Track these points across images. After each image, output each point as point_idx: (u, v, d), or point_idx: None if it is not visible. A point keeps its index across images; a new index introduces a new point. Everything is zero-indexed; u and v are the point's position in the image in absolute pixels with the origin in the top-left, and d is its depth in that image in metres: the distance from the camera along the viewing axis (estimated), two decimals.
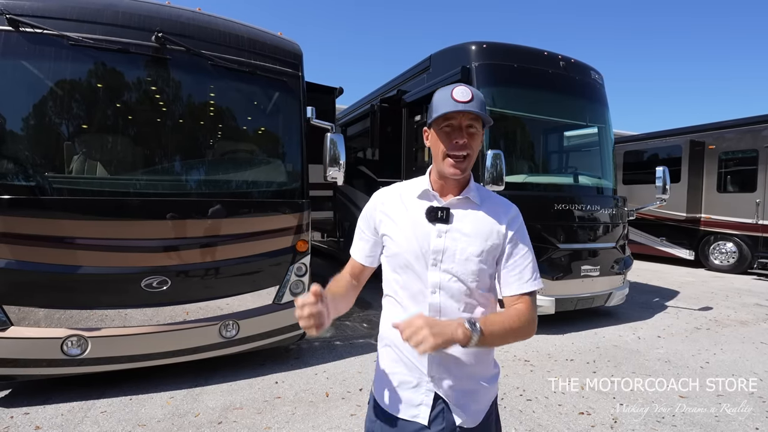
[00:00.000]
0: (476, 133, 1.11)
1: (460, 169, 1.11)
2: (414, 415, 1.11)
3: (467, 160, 1.11)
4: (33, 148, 2.99)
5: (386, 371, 1.18)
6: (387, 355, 1.20)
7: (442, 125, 1.11)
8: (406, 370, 1.14)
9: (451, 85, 1.11)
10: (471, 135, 1.10)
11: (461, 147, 1.09)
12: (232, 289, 3.36)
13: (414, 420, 1.10)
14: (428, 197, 1.17)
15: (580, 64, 5.41)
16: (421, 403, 1.11)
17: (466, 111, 1.07)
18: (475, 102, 1.08)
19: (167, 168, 3.34)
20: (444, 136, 1.11)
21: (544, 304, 4.64)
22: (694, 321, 5.31)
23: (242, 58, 3.52)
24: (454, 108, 1.06)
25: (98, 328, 2.95)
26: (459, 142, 1.09)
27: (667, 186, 5.35)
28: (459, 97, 1.07)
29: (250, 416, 2.84)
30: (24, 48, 2.90)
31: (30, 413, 2.81)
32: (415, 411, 1.11)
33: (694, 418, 2.91)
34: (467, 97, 1.07)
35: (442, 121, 1.11)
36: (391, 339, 1.17)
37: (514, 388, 3.35)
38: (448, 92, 1.09)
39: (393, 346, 1.17)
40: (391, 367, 1.17)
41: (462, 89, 1.09)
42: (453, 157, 1.10)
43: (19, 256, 2.78)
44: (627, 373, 3.64)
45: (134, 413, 2.85)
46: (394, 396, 1.14)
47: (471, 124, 1.10)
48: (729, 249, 8.98)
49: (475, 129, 1.10)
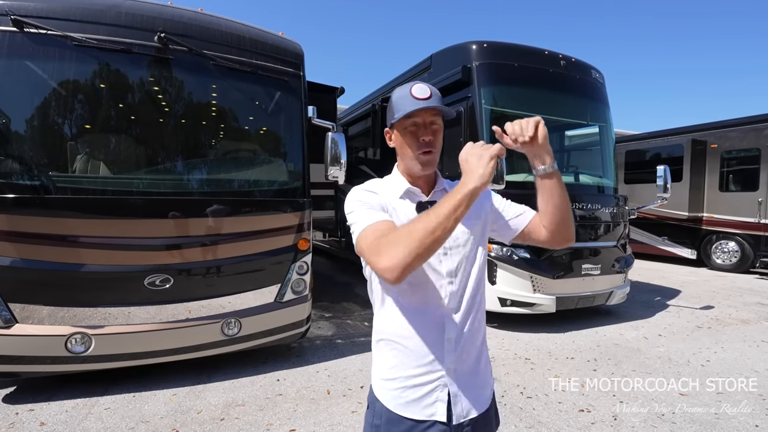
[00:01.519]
0: (439, 129, 1.13)
1: (430, 164, 1.13)
2: (431, 414, 1.06)
3: (433, 155, 1.13)
4: (37, 147, 3.02)
5: (391, 372, 1.11)
6: (390, 354, 1.12)
7: (406, 124, 1.12)
8: (415, 367, 1.08)
9: (407, 84, 1.12)
10: (435, 131, 1.12)
11: (428, 144, 1.11)
12: (234, 288, 3.39)
13: (431, 419, 1.06)
14: (411, 195, 1.17)
15: (580, 63, 5.42)
16: (437, 400, 1.07)
17: (428, 108, 1.08)
18: (434, 98, 1.10)
19: (170, 167, 3.37)
20: (410, 135, 1.12)
21: (545, 303, 4.65)
22: (696, 320, 5.31)
23: (244, 58, 3.54)
24: (417, 106, 1.07)
25: (102, 326, 2.98)
26: (425, 139, 1.11)
27: (668, 185, 5.35)
28: (419, 95, 1.08)
29: (252, 413, 2.87)
30: (28, 48, 2.93)
31: (35, 410, 2.84)
32: (431, 410, 1.06)
33: (694, 417, 2.92)
34: (427, 94, 1.09)
35: (405, 120, 1.11)
36: (398, 334, 1.10)
37: (514, 385, 3.37)
38: (407, 91, 1.10)
39: (398, 343, 1.10)
40: (397, 366, 1.10)
41: (420, 86, 1.10)
42: (423, 153, 1.12)
43: (24, 254, 2.81)
44: (627, 372, 3.65)
45: (137, 410, 2.87)
46: (403, 396, 1.08)
47: (433, 120, 1.12)
48: (731, 248, 8.95)
49: (437, 125, 1.13)
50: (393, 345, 1.12)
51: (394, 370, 1.11)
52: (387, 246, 0.92)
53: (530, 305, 4.67)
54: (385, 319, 1.14)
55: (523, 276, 4.63)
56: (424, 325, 1.09)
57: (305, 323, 3.74)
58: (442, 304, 1.09)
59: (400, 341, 1.10)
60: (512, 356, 4.02)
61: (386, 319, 1.14)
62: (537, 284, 4.66)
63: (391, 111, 1.16)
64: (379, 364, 1.16)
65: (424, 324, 1.09)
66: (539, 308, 4.68)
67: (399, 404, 1.08)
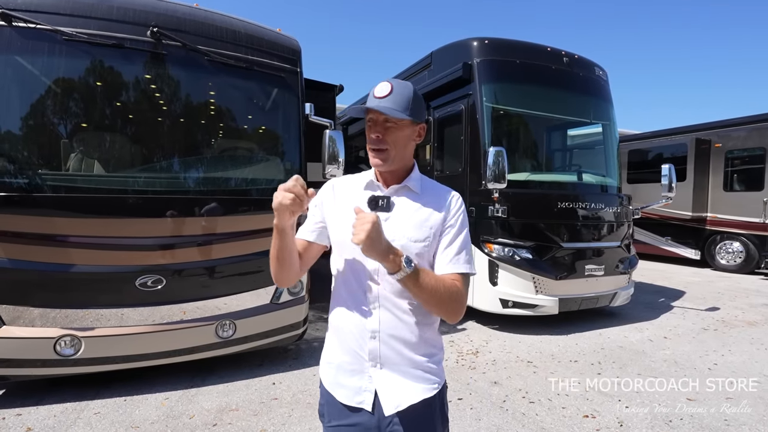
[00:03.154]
0: (394, 127, 1.12)
1: (380, 160, 1.13)
2: (359, 401, 1.12)
3: (385, 153, 1.13)
4: (26, 144, 2.94)
5: (330, 357, 1.20)
6: (331, 340, 1.21)
7: (367, 121, 1.15)
8: (349, 357, 1.14)
9: (377, 84, 1.12)
10: (387, 129, 1.12)
11: (376, 141, 1.12)
12: (229, 289, 3.30)
13: (359, 406, 1.11)
14: (372, 187, 1.20)
15: (584, 60, 5.33)
16: (365, 389, 1.12)
17: (375, 108, 1.09)
18: (391, 97, 1.09)
19: (163, 165, 3.29)
20: (367, 129, 1.16)
21: (547, 304, 4.56)
22: (701, 322, 5.21)
23: (240, 54, 3.46)
24: (370, 104, 1.10)
25: (92, 328, 2.89)
26: (373, 136, 1.13)
27: (673, 184, 5.26)
28: (377, 93, 1.10)
29: (245, 418, 2.78)
30: (17, 43, 2.86)
31: (22, 414, 2.76)
32: (360, 398, 1.12)
33: (703, 421, 2.82)
34: (385, 92, 1.09)
35: (367, 116, 1.15)
36: (336, 324, 1.19)
37: (516, 390, 3.28)
38: (373, 89, 1.12)
39: (338, 331, 1.18)
40: (335, 353, 1.18)
41: (383, 84, 1.11)
42: (372, 149, 1.14)
43: (12, 254, 2.73)
44: (632, 375, 3.56)
45: (128, 414, 2.79)
46: (338, 382, 1.16)
47: (387, 118, 1.11)
48: (736, 248, 8.85)
49: (392, 123, 1.12)
50: (332, 330, 1.21)
51: (330, 354, 1.20)
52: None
53: (532, 307, 4.58)
54: (332, 302, 1.24)
55: (525, 277, 4.54)
56: (352, 315, 1.14)
57: (302, 325, 3.65)
58: (368, 295, 1.12)
59: (335, 327, 1.19)
60: (514, 359, 3.93)
61: (332, 303, 1.23)
62: (539, 285, 4.57)
63: (358, 112, 1.20)
64: (324, 346, 1.25)
65: (352, 313, 1.14)
66: (542, 310, 4.59)
67: (333, 388, 1.16)
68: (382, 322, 1.11)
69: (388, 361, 1.11)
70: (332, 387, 1.17)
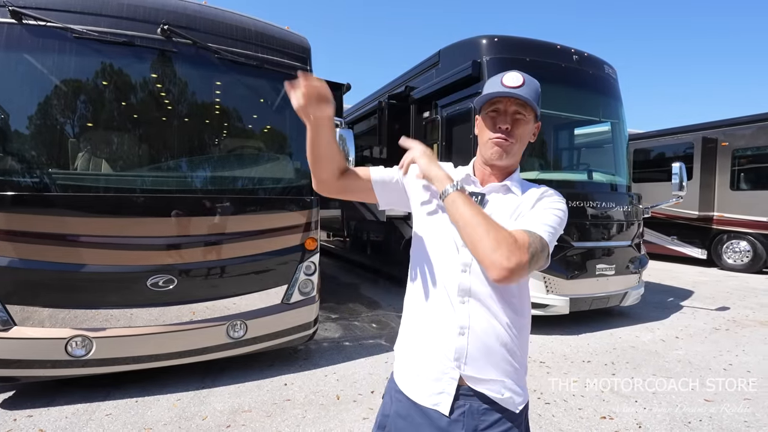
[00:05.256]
0: (523, 120, 1.06)
1: (503, 151, 1.05)
2: (436, 403, 1.05)
3: (511, 146, 1.06)
4: (35, 143, 2.91)
5: (407, 355, 1.14)
6: (408, 340, 1.15)
7: (488, 110, 1.07)
8: (429, 356, 1.08)
9: (505, 71, 1.05)
10: (516, 121, 1.05)
11: (504, 132, 1.05)
12: (240, 289, 3.27)
13: (435, 408, 1.04)
14: (467, 181, 1.13)
15: (593, 58, 5.28)
16: (443, 391, 1.04)
17: (511, 96, 1.02)
18: (525, 88, 1.03)
19: (173, 164, 3.26)
20: (489, 121, 1.07)
21: (558, 304, 4.52)
22: (712, 321, 5.16)
23: (249, 52, 3.43)
24: (500, 91, 1.02)
25: (103, 329, 2.86)
26: (502, 127, 1.05)
27: (684, 183, 5.22)
28: (508, 82, 1.03)
29: (259, 419, 2.75)
30: (27, 41, 2.83)
31: (33, 416, 2.73)
32: (437, 399, 1.05)
33: (723, 424, 2.78)
34: (518, 82, 1.03)
35: (488, 105, 1.07)
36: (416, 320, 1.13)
37: (531, 391, 3.24)
38: (500, 77, 1.05)
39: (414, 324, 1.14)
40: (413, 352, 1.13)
41: (514, 74, 1.05)
42: (495, 140, 1.06)
43: (23, 254, 2.70)
44: (647, 375, 3.51)
45: (140, 416, 2.76)
46: (414, 381, 1.10)
47: (518, 110, 1.04)
48: (743, 248, 8.79)
49: (522, 116, 1.05)
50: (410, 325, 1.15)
51: (409, 351, 1.13)
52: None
53: (543, 306, 4.54)
54: (409, 296, 1.17)
55: (536, 276, 4.49)
56: (437, 309, 1.07)
57: (313, 325, 3.62)
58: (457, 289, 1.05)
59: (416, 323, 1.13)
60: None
61: (409, 297, 1.17)
62: (550, 285, 4.53)
63: (480, 98, 1.10)
64: (399, 339, 1.19)
65: (437, 308, 1.07)
66: (552, 309, 4.55)
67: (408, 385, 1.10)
68: (472, 318, 1.03)
69: (474, 363, 1.03)
70: (406, 384, 1.11)
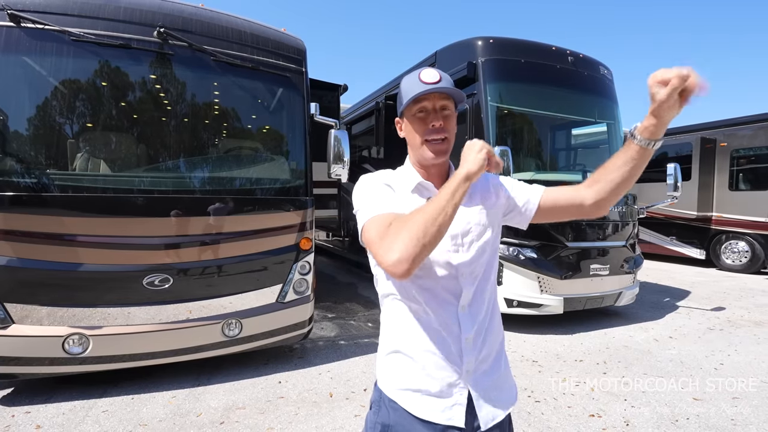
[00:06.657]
0: (450, 114, 1.07)
1: (442, 152, 1.06)
2: (449, 418, 1.01)
3: (446, 142, 1.06)
4: (34, 144, 2.96)
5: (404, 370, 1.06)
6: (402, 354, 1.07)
7: (414, 111, 1.06)
8: (432, 368, 1.02)
9: (416, 70, 1.07)
10: (446, 117, 1.05)
11: (438, 130, 1.05)
12: (235, 288, 3.32)
13: (449, 423, 1.01)
14: (422, 190, 1.10)
15: (588, 59, 5.31)
16: (456, 403, 1.02)
17: (436, 90, 1.02)
18: (444, 81, 1.04)
19: (169, 164, 3.30)
20: (418, 122, 1.06)
21: (552, 304, 4.55)
22: (707, 321, 5.19)
23: (245, 54, 3.48)
24: (426, 89, 1.01)
25: (100, 327, 2.92)
26: (435, 124, 1.04)
27: (679, 183, 5.23)
28: (427, 79, 1.03)
29: (252, 416, 2.80)
30: (25, 44, 2.88)
31: (31, 412, 2.78)
32: (450, 413, 1.01)
33: (709, 421, 2.82)
34: (435, 78, 1.03)
35: (413, 105, 1.06)
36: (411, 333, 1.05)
37: (522, 389, 3.27)
38: (416, 77, 1.05)
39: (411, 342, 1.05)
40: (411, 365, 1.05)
41: (429, 71, 1.05)
42: (432, 141, 1.05)
43: (21, 253, 2.76)
44: (638, 374, 3.55)
45: (136, 412, 2.81)
46: (418, 397, 1.03)
47: (444, 105, 1.05)
48: (741, 248, 8.79)
49: (449, 111, 1.06)
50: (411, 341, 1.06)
51: (408, 369, 1.05)
52: (391, 238, 0.88)
53: (537, 306, 4.58)
54: (393, 316, 1.09)
55: (530, 276, 4.53)
56: (440, 324, 1.03)
57: (307, 324, 3.67)
58: (457, 301, 1.04)
59: (414, 341, 1.05)
60: (519, 358, 3.92)
61: (395, 317, 1.09)
62: (544, 285, 4.56)
63: (400, 99, 1.10)
64: (392, 362, 1.08)
65: (439, 323, 1.03)
66: (546, 309, 4.58)
67: (413, 405, 1.02)
68: (477, 326, 1.05)
69: (480, 371, 1.06)
70: (410, 403, 1.03)
